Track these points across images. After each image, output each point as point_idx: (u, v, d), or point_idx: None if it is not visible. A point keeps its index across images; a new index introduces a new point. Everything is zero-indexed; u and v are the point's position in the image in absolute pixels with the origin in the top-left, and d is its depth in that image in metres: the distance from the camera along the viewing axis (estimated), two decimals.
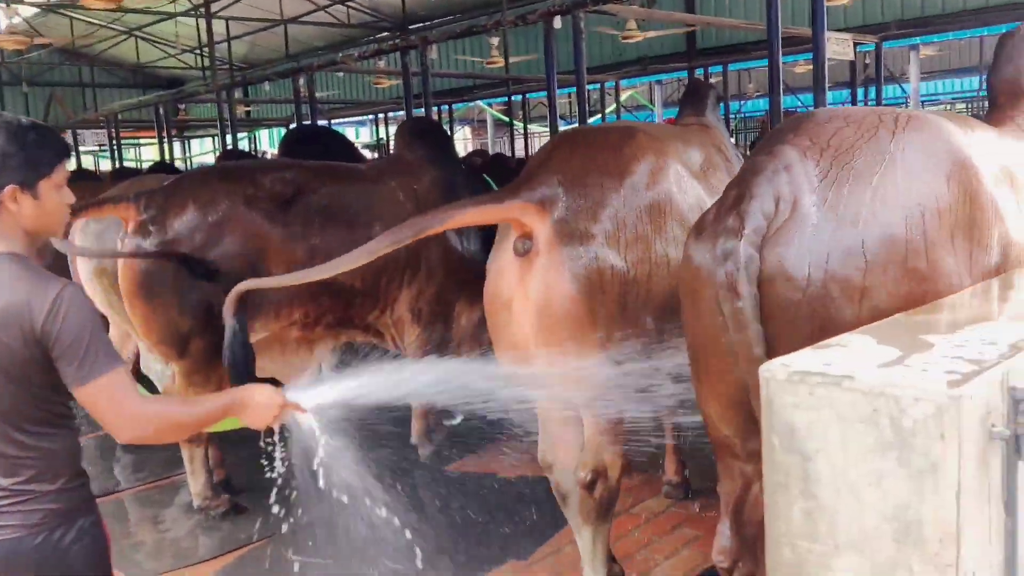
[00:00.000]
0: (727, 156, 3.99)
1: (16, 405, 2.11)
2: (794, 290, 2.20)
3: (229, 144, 9.33)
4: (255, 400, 2.44)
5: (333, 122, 16.29)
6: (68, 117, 14.25)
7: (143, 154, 24.53)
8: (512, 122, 14.19)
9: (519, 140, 15.57)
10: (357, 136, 21.88)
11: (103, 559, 2.33)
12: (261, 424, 2.48)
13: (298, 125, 7.26)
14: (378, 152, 16.57)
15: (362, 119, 21.47)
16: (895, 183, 2.27)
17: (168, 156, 11.70)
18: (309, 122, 7.54)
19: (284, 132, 17.51)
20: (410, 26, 15.77)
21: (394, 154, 5.75)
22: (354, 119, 20.70)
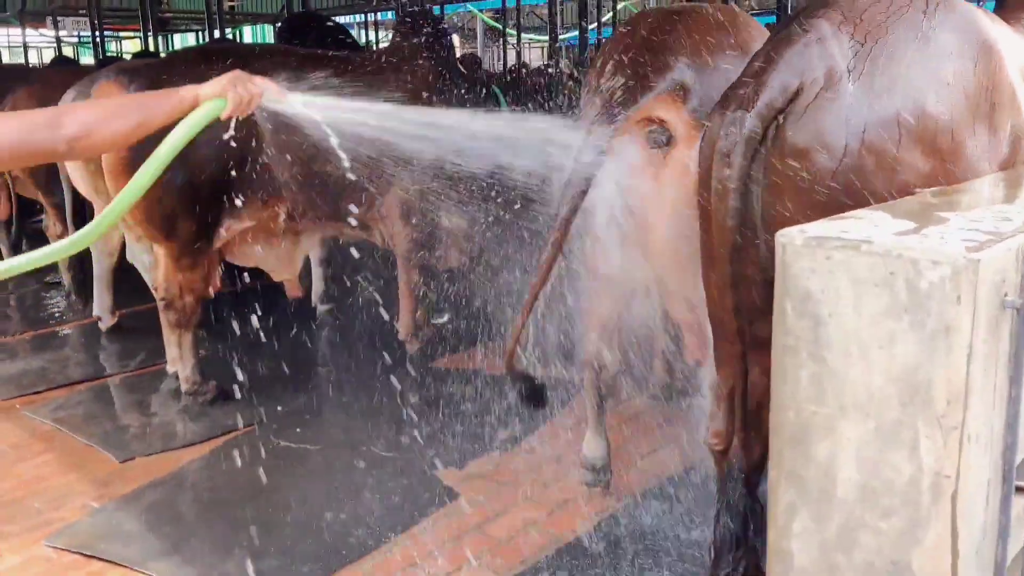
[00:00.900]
0: None
1: None
2: (830, 160, 2.21)
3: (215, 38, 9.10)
4: (236, 77, 2.15)
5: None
6: (49, 1, 13.80)
7: (124, 47, 23.88)
8: (505, 29, 13.90)
9: (511, 51, 15.28)
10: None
11: None
12: (243, 107, 2.18)
13: (297, 13, 7.06)
14: None
15: (350, 21, 20.95)
16: (927, 60, 2.27)
17: (153, 49, 11.38)
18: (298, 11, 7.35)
19: (274, 28, 17.15)
20: None
21: (392, 44, 5.64)
22: (343, 19, 20.19)
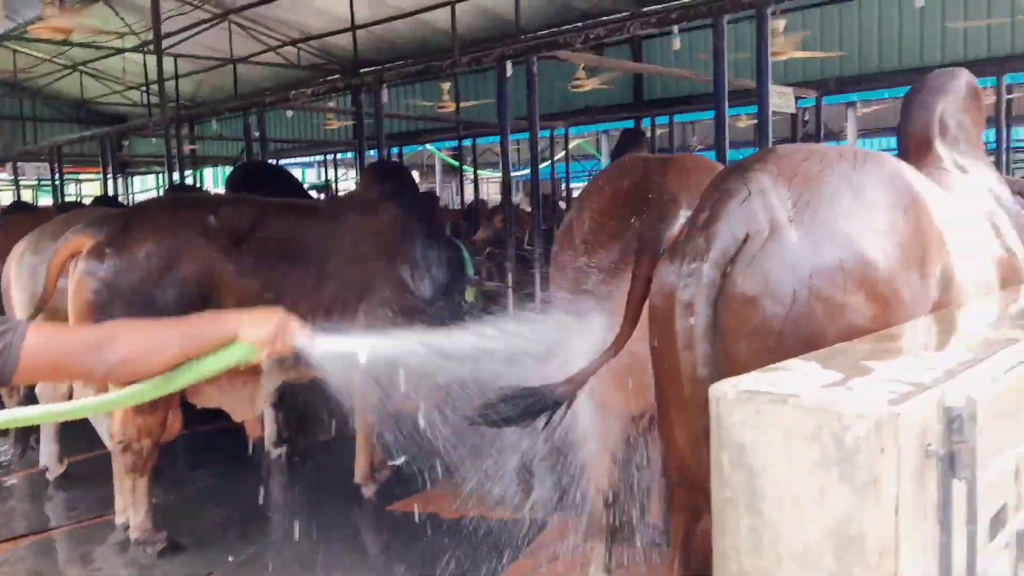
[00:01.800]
0: None
1: None
2: (780, 307, 2.28)
3: (176, 181, 9.26)
4: (268, 318, 2.08)
5: (281, 162, 16.24)
6: (8, 148, 14.00)
7: (84, 190, 24.13)
8: (462, 167, 14.31)
9: (468, 185, 15.69)
10: (304, 177, 21.81)
11: None
12: (277, 349, 2.10)
13: (247, 161, 7.26)
14: (326, 193, 16.54)
15: (309, 161, 21.44)
16: (861, 211, 2.39)
17: (112, 191, 11.51)
18: (247, 160, 7.55)
19: (231, 170, 17.46)
20: (361, 70, 15.88)
21: (356, 192, 5.85)
22: (301, 160, 20.66)
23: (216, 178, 22.73)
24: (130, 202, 18.84)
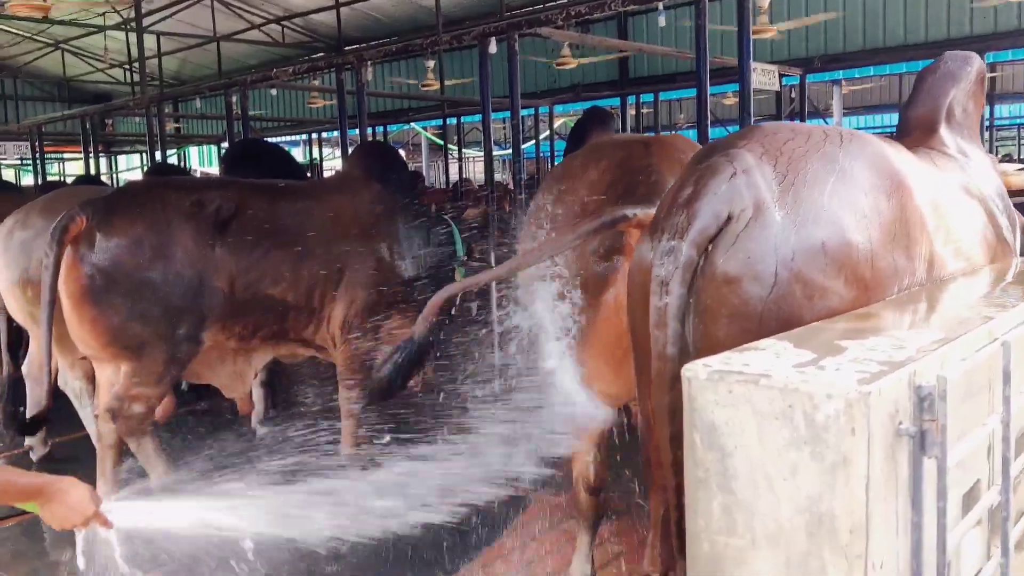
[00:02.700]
0: None
1: None
2: (761, 289, 2.26)
3: (158, 160, 9.18)
4: (67, 498, 2.34)
5: (268, 139, 16.13)
6: None
7: (67, 168, 23.92)
8: (446, 146, 14.24)
9: (453, 164, 15.63)
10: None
11: None
12: (59, 525, 2.38)
13: (242, 140, 7.18)
14: (311, 172, 16.46)
15: (295, 139, 21.32)
16: (846, 192, 2.36)
17: (95, 170, 11.41)
18: (243, 138, 7.48)
19: (219, 149, 17.32)
20: (345, 48, 15.75)
21: (342, 171, 5.83)
22: (287, 138, 20.53)
23: (201, 157, 22.59)
24: (114, 181, 18.69)
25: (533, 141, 13.15)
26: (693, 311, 2.32)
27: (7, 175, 19.57)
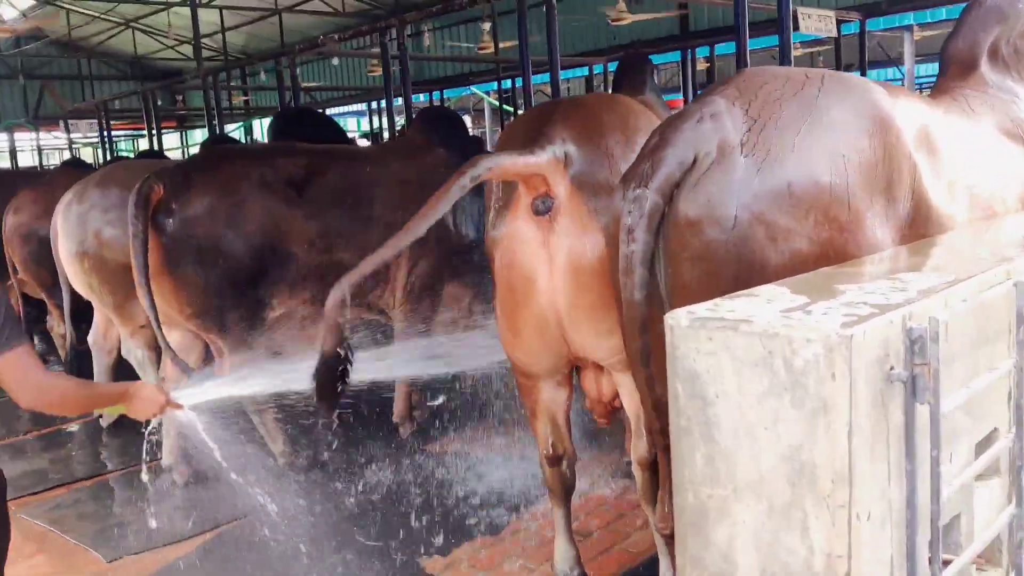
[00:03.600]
0: None
1: None
2: (720, 232, 2.25)
3: (217, 133, 9.35)
4: (141, 395, 2.85)
5: (328, 111, 16.21)
6: (61, 108, 14.28)
7: (142, 145, 24.57)
8: (502, 108, 14.13)
9: None
10: (359, 127, 21.80)
11: None
12: (142, 416, 2.91)
13: (287, 109, 7.25)
14: (373, 142, 16.58)
15: (361, 109, 21.44)
16: (821, 134, 2.32)
17: (157, 146, 11.65)
18: (288, 108, 7.54)
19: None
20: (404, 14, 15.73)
21: (404, 138, 5.88)
22: (351, 109, 20.64)
23: (263, 129, 22.93)
24: (185, 156, 19.10)
25: None
26: (661, 257, 2.34)
27: (86, 154, 20.22)
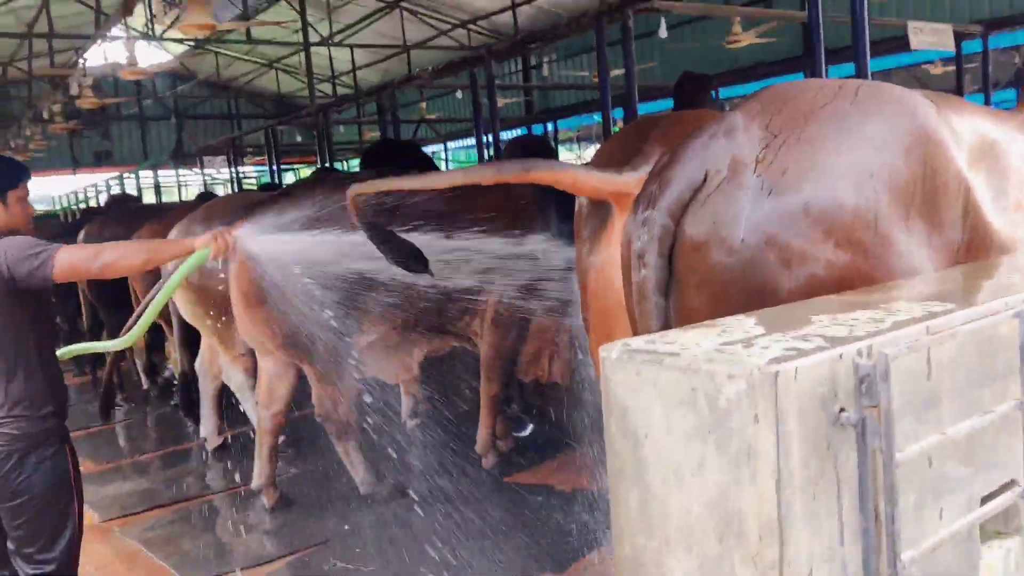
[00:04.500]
0: None
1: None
2: (727, 255, 2.09)
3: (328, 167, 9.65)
4: (202, 240, 3.16)
5: (450, 144, 16.50)
6: (196, 145, 15.18)
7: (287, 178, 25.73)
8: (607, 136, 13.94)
9: None
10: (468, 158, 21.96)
11: (62, 483, 2.93)
12: (212, 257, 3.15)
13: (378, 140, 7.41)
14: None
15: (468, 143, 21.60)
16: (848, 150, 2.12)
17: (278, 179, 12.22)
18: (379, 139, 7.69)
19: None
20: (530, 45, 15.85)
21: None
22: (465, 144, 20.78)
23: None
24: None
25: None
26: (674, 282, 2.19)
27: (221, 189, 21.32)
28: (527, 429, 6.29)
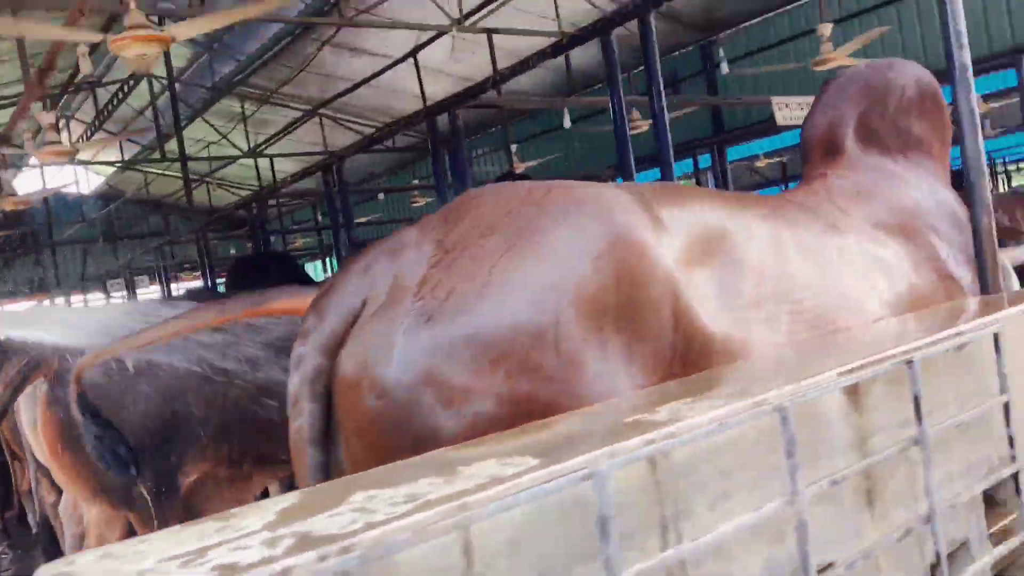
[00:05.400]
0: None
1: None
2: (378, 396, 1.76)
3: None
4: None
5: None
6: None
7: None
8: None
9: None
10: None
11: None
12: None
13: (251, 254, 7.19)
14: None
15: None
16: (527, 263, 1.83)
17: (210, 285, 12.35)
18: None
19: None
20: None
21: None
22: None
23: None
24: None
25: None
26: (334, 430, 1.86)
27: None
28: None
